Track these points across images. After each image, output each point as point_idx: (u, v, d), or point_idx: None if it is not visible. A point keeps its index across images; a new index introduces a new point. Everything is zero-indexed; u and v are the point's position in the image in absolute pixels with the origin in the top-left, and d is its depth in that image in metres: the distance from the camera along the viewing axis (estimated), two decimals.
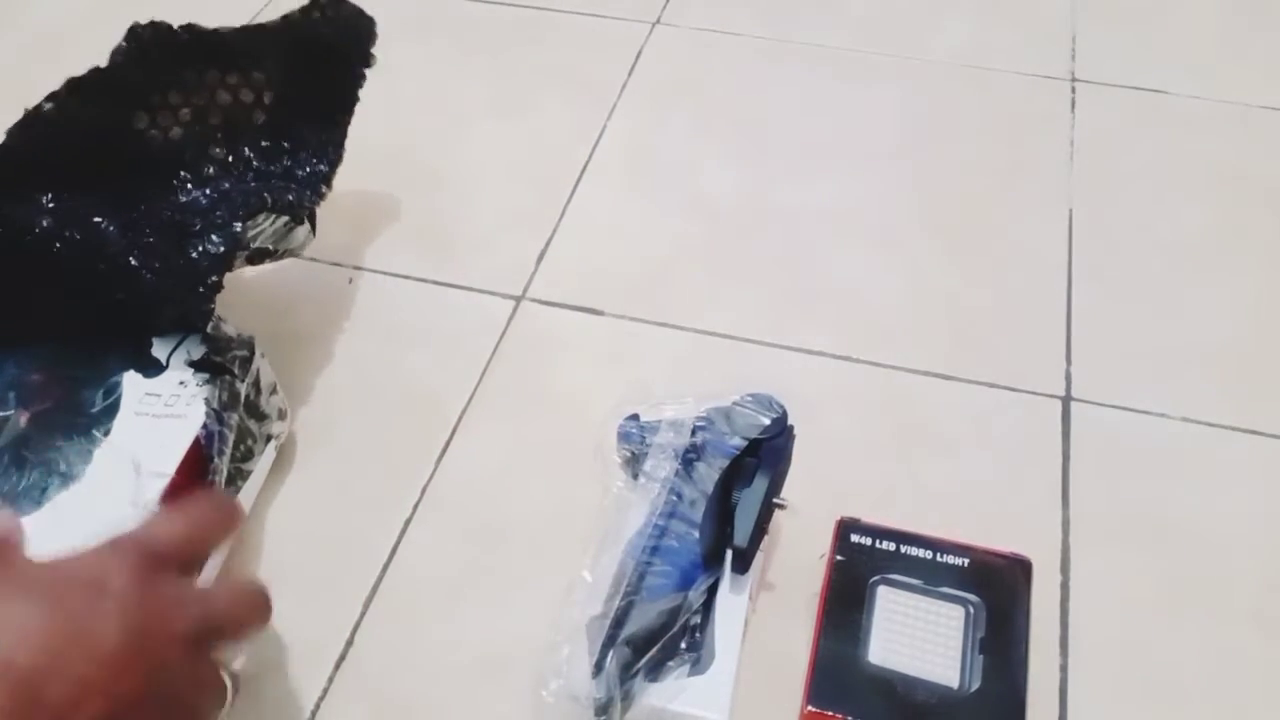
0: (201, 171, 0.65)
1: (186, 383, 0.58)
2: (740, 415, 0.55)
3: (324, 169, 0.67)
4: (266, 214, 0.62)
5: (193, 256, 0.58)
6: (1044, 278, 0.74)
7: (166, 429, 0.56)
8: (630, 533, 0.53)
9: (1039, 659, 0.53)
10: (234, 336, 0.60)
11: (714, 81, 0.91)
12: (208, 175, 0.65)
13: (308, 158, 0.67)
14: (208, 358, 0.58)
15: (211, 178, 0.65)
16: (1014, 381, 0.68)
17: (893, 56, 0.92)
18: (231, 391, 0.58)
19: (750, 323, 0.71)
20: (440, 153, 0.85)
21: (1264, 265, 0.74)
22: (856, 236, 0.77)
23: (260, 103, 0.66)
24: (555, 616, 0.51)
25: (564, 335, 0.71)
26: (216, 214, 0.61)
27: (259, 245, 0.63)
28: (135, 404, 0.57)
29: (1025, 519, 0.61)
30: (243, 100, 0.66)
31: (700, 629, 0.52)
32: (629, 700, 0.50)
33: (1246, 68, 0.90)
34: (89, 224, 0.57)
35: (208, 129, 0.65)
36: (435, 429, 0.66)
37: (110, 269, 0.57)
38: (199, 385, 0.57)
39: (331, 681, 0.55)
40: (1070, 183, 0.81)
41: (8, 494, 0.54)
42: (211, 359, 0.58)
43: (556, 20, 0.97)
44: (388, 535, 0.61)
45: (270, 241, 0.64)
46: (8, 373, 0.59)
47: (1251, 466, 0.63)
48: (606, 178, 0.83)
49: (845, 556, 0.55)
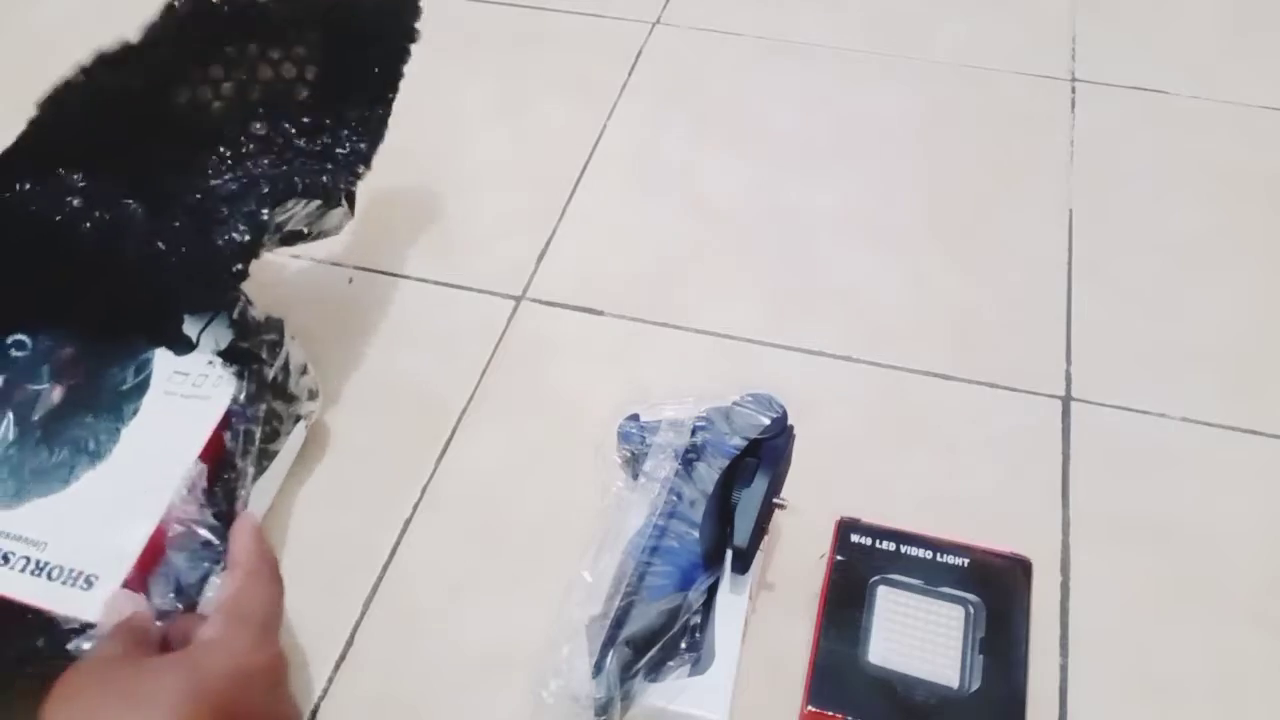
0: (240, 149, 0.63)
1: (215, 363, 0.57)
2: (740, 415, 0.55)
3: (364, 148, 0.64)
4: (296, 199, 0.60)
5: (218, 244, 0.56)
6: (1044, 278, 0.74)
7: (192, 411, 0.55)
8: (630, 533, 0.53)
9: (1039, 659, 0.53)
10: (262, 320, 0.59)
11: (714, 81, 0.91)
12: (246, 152, 0.63)
13: (348, 136, 0.65)
14: (234, 345, 0.57)
15: (249, 155, 0.63)
16: (1014, 381, 0.68)
17: (893, 56, 0.92)
18: (259, 379, 0.57)
19: (750, 323, 0.71)
20: (440, 153, 0.85)
21: (1264, 265, 0.74)
22: (856, 236, 0.77)
23: (302, 77, 0.64)
24: (555, 616, 0.51)
25: (564, 335, 0.71)
26: (245, 200, 0.59)
27: (292, 228, 0.61)
28: (164, 382, 0.57)
29: (1025, 519, 0.61)
30: (284, 75, 0.63)
31: (700, 629, 0.52)
32: (629, 700, 0.50)
33: (1246, 68, 0.90)
34: (118, 205, 0.56)
35: (249, 104, 0.63)
36: (435, 429, 0.66)
37: (136, 252, 0.56)
38: (225, 369, 0.57)
39: (331, 681, 0.55)
40: (1070, 183, 0.81)
41: (36, 471, 0.54)
42: (238, 346, 0.57)
43: (556, 20, 0.97)
44: (388, 535, 0.61)
45: (303, 224, 0.62)
46: (41, 345, 0.59)
47: (1251, 466, 0.63)
48: (606, 178, 0.83)
49: (845, 556, 0.55)
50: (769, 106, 0.88)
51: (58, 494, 0.53)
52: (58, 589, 0.50)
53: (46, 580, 0.50)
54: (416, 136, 0.86)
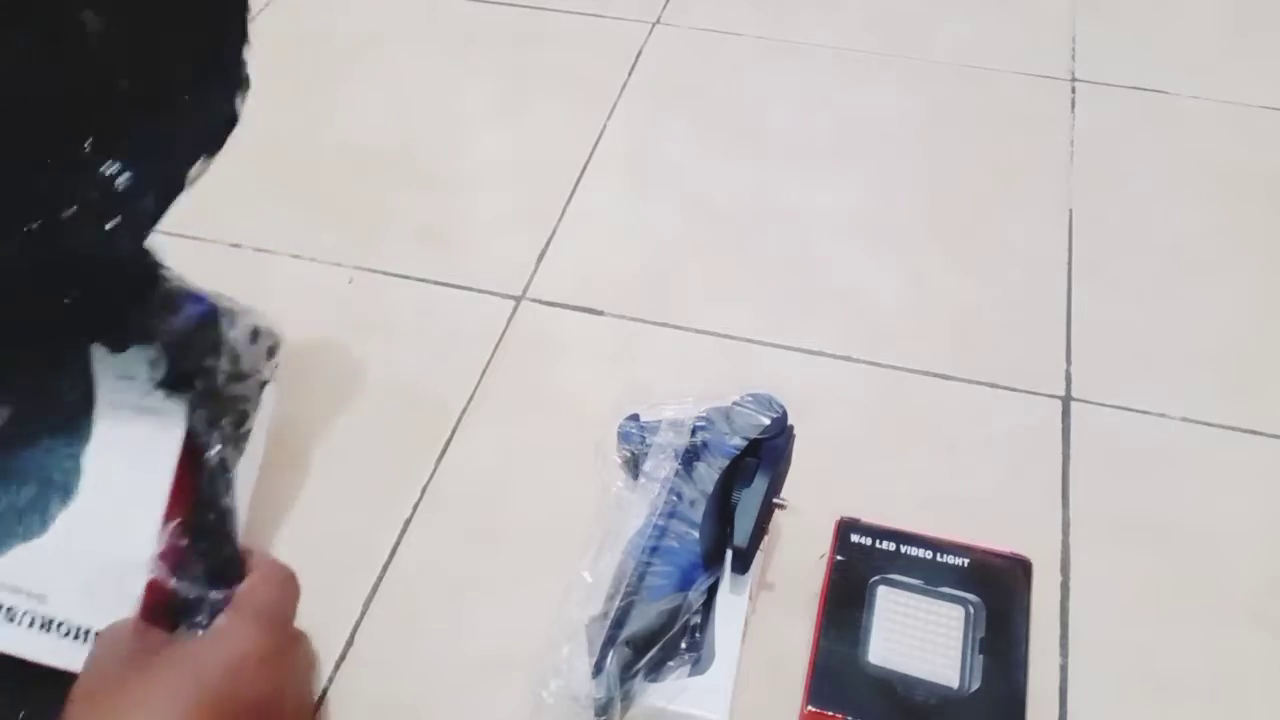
0: None
1: (158, 361, 0.52)
2: (740, 415, 0.55)
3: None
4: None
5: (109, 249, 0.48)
6: (1044, 278, 0.74)
7: (148, 434, 0.51)
8: (630, 533, 0.53)
9: (1039, 659, 0.53)
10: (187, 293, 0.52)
11: (714, 81, 0.91)
12: None
13: None
14: (174, 373, 0.52)
15: None
16: (1014, 381, 0.68)
17: (893, 56, 0.93)
18: (211, 392, 0.53)
19: (750, 323, 0.71)
20: (440, 153, 0.85)
21: (1264, 265, 0.74)
22: (856, 236, 0.77)
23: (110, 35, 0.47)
24: (555, 616, 0.51)
25: (564, 335, 0.71)
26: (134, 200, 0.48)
27: None
28: (110, 393, 0.52)
29: (1025, 519, 0.61)
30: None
31: (700, 629, 0.52)
32: (629, 700, 0.50)
33: (1246, 68, 0.90)
34: None
35: None
36: (435, 429, 0.66)
37: None
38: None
39: (331, 681, 0.55)
40: (1070, 183, 0.81)
41: (8, 511, 0.51)
42: (182, 371, 0.52)
43: (556, 20, 0.97)
44: (388, 535, 0.61)
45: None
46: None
47: (1251, 466, 0.63)
48: (606, 178, 0.83)
49: (845, 556, 0.55)
50: (769, 106, 0.88)
51: (39, 538, 0.50)
52: (66, 645, 0.48)
53: (55, 636, 0.49)
54: (417, 136, 0.86)
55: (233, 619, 0.47)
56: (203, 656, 0.45)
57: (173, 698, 0.43)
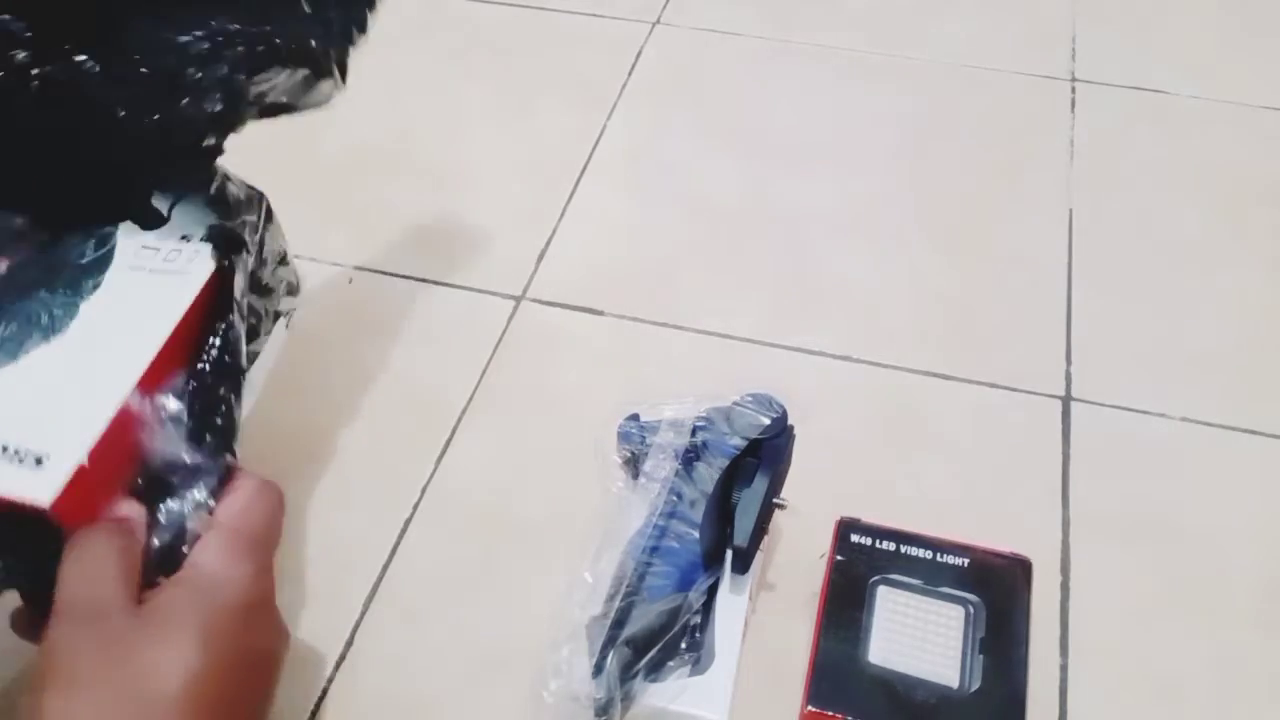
0: None
1: (191, 238, 0.50)
2: (740, 415, 0.55)
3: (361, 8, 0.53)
4: (280, 67, 0.50)
5: (188, 113, 0.48)
6: (1044, 278, 0.74)
7: (165, 286, 0.49)
8: (630, 533, 0.53)
9: (1039, 659, 0.53)
10: (242, 199, 0.51)
11: (714, 81, 0.91)
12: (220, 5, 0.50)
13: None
14: (220, 227, 0.50)
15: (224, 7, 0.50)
16: (1014, 381, 0.68)
17: (893, 56, 0.93)
18: (245, 270, 0.50)
19: (750, 323, 0.71)
20: (440, 153, 0.85)
21: (1264, 265, 0.74)
22: (856, 236, 0.77)
23: None
24: (555, 616, 0.51)
25: (564, 335, 0.71)
26: (218, 63, 0.49)
27: (273, 100, 0.53)
28: (130, 257, 0.50)
29: (1025, 519, 0.61)
30: None
31: (700, 629, 0.52)
32: (629, 700, 0.50)
33: (1246, 68, 0.90)
34: (69, 61, 0.46)
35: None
36: (435, 429, 0.66)
37: (93, 118, 0.47)
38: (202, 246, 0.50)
39: (331, 681, 0.55)
40: (1070, 183, 0.81)
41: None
42: (225, 227, 0.50)
43: (556, 20, 0.97)
44: (388, 535, 0.61)
45: (286, 95, 0.52)
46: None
47: (1251, 466, 0.63)
48: (606, 178, 0.83)
49: (845, 556, 0.55)
50: (769, 106, 0.88)
51: (3, 367, 0.46)
52: (11, 468, 0.43)
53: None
54: (417, 136, 0.86)
55: (236, 551, 0.43)
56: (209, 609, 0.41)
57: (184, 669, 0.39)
